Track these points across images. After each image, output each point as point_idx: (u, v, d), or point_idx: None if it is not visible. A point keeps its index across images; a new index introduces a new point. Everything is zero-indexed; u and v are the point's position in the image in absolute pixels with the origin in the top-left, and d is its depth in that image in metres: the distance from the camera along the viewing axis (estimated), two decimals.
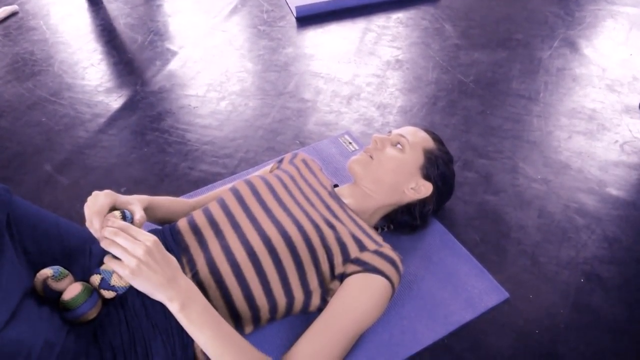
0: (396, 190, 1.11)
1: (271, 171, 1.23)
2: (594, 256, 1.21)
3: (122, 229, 0.82)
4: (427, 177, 1.12)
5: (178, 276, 0.83)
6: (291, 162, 1.20)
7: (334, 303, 0.95)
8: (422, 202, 1.14)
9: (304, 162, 1.20)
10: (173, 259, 0.86)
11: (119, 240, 0.81)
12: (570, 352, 1.03)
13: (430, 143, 1.14)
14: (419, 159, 1.12)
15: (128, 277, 0.80)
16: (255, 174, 1.19)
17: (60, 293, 0.85)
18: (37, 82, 1.90)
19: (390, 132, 1.18)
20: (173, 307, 0.81)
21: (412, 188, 1.11)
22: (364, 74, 1.89)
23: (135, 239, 0.82)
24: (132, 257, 0.80)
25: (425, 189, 1.11)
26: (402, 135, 1.13)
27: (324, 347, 0.90)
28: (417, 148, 1.12)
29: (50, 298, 0.85)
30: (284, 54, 2.03)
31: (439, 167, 1.13)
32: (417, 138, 1.14)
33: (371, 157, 1.12)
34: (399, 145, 1.13)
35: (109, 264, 0.83)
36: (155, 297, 0.82)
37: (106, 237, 0.81)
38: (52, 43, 2.15)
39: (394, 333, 1.04)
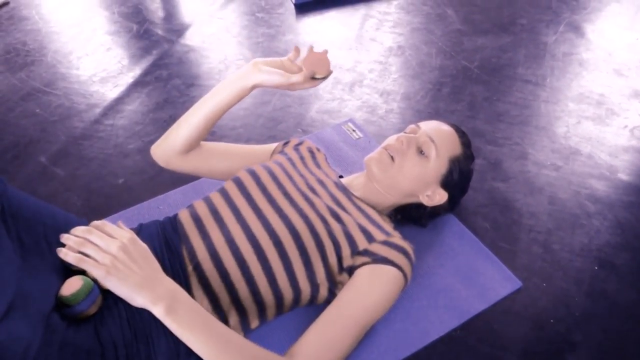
0: (410, 196, 1.07)
1: (275, 152, 1.19)
2: (607, 243, 1.18)
3: (97, 227, 0.79)
4: (444, 185, 1.06)
5: (159, 275, 0.78)
6: (296, 149, 1.16)
7: (343, 293, 0.91)
8: (434, 206, 1.10)
9: (309, 150, 1.16)
10: (153, 258, 0.81)
11: (92, 238, 0.77)
12: (586, 340, 1.00)
13: (457, 150, 1.06)
14: (442, 169, 1.05)
15: (102, 278, 0.76)
16: (259, 147, 1.17)
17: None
18: (30, 73, 1.84)
19: (418, 126, 1.09)
20: (158, 311, 0.75)
21: (427, 195, 1.06)
22: (365, 61, 1.84)
23: (111, 236, 0.79)
24: (105, 255, 0.75)
25: (439, 197, 1.06)
26: (431, 140, 1.04)
27: (334, 338, 0.87)
28: (443, 157, 1.04)
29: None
30: (284, 41, 1.98)
31: (460, 176, 1.07)
32: (447, 144, 1.05)
33: (392, 158, 1.04)
34: (424, 151, 1.04)
35: (81, 264, 0.77)
36: (137, 303, 0.76)
37: (77, 236, 0.78)
38: (45, 33, 2.10)
39: (405, 324, 1.01)
